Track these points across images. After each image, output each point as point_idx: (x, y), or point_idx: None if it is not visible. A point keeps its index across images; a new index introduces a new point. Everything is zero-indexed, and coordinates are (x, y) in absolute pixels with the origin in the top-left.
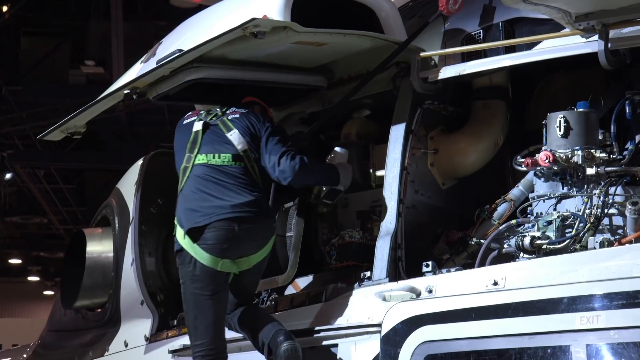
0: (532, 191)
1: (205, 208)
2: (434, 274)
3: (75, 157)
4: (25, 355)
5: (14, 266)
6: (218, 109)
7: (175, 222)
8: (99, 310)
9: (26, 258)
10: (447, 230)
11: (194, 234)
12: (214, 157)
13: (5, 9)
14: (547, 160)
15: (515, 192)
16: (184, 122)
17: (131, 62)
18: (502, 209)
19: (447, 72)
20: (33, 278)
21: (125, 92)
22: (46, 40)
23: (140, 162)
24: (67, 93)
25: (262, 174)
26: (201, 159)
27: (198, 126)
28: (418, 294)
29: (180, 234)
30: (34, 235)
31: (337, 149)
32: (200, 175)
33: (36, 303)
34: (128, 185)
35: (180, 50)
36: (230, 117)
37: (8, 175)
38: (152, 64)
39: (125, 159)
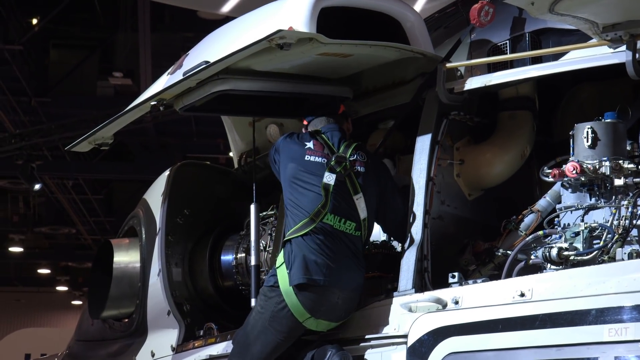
0: (559, 202)
1: (322, 267)
2: (460, 284)
3: (103, 168)
4: None
5: (43, 276)
6: (342, 149)
7: (282, 257)
8: (126, 320)
9: (54, 268)
10: (473, 241)
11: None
12: (339, 222)
13: (34, 21)
14: (574, 171)
15: (542, 203)
16: (310, 159)
17: (158, 74)
18: (529, 219)
19: (474, 82)
20: (61, 288)
21: (152, 103)
22: (75, 53)
23: (167, 172)
24: (95, 104)
25: (367, 240)
26: (329, 219)
27: (330, 179)
28: (444, 305)
29: (283, 273)
30: (63, 246)
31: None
32: (326, 234)
33: (64, 313)
34: (155, 195)
35: (206, 62)
36: (357, 169)
37: (37, 186)
38: (178, 75)
39: (153, 170)
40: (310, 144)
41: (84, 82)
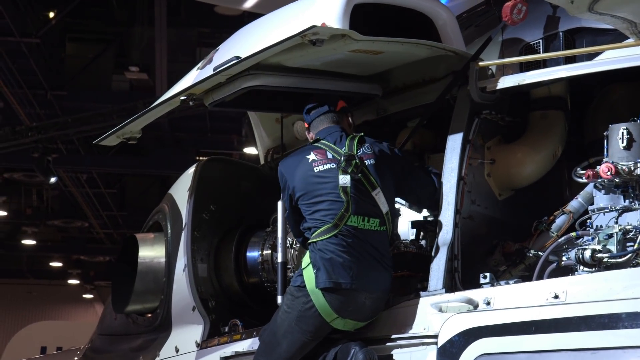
0: (592, 203)
1: (348, 269)
2: (492, 285)
3: (116, 162)
4: (75, 359)
5: (55, 269)
6: (346, 145)
7: (309, 259)
8: (149, 315)
9: (67, 261)
10: (502, 242)
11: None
12: (363, 221)
13: (51, 15)
14: (609, 173)
15: (574, 204)
16: (319, 169)
17: (174, 68)
18: (560, 221)
19: (506, 81)
20: (73, 281)
21: (182, 98)
22: (91, 46)
23: (193, 168)
24: (110, 98)
25: (392, 233)
26: (353, 220)
27: (345, 180)
28: (476, 306)
29: (309, 274)
30: (75, 239)
31: None
32: (351, 236)
33: (75, 306)
34: (181, 191)
35: (237, 57)
36: (367, 163)
37: (53, 179)
38: (208, 70)
39: (166, 165)
40: (312, 156)
41: (99, 76)
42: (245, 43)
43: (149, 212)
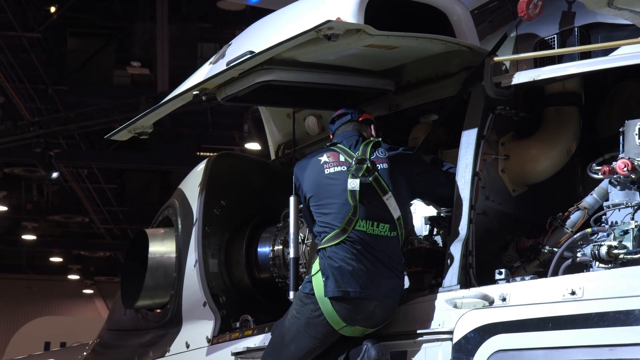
0: (607, 200)
1: (357, 278)
2: (508, 281)
3: (117, 158)
4: (84, 354)
5: (55, 264)
6: (360, 150)
7: (318, 266)
8: (159, 310)
9: (67, 256)
10: (516, 238)
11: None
12: (372, 226)
13: (53, 9)
14: (625, 169)
15: (588, 200)
16: (330, 171)
17: (175, 64)
18: (575, 217)
19: (522, 77)
20: (73, 276)
21: (195, 93)
22: (92, 41)
23: (204, 163)
24: (112, 94)
25: (405, 238)
26: (361, 225)
27: (354, 185)
28: (491, 302)
29: (318, 282)
30: (75, 234)
31: None
32: (360, 242)
33: (75, 301)
34: (191, 186)
35: (251, 52)
36: (380, 167)
37: (55, 174)
38: (221, 65)
39: (167, 160)
40: (324, 158)
41: (100, 71)
42: (258, 38)
43: (150, 207)
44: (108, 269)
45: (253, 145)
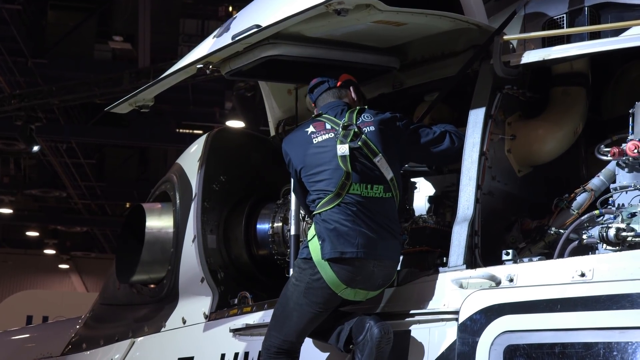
0: (614, 181)
1: (352, 238)
2: (515, 262)
3: (96, 133)
4: (77, 327)
5: (31, 238)
6: (346, 117)
7: (314, 230)
8: (154, 285)
9: (43, 231)
10: (521, 219)
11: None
12: (366, 188)
13: None
14: (636, 150)
15: (595, 181)
16: (318, 139)
17: (157, 39)
18: (581, 198)
19: (531, 56)
20: (49, 251)
21: (199, 66)
22: (72, 15)
23: (203, 138)
24: (92, 68)
25: (401, 199)
26: (355, 189)
27: (343, 150)
28: (498, 283)
29: (315, 246)
30: (52, 209)
31: None
32: (356, 204)
33: (51, 276)
34: (190, 161)
35: (258, 26)
36: (366, 131)
37: (36, 148)
38: (226, 39)
39: (147, 136)
40: (311, 128)
41: (81, 44)
42: (265, 11)
43: (128, 183)
44: (84, 244)
45: (234, 123)
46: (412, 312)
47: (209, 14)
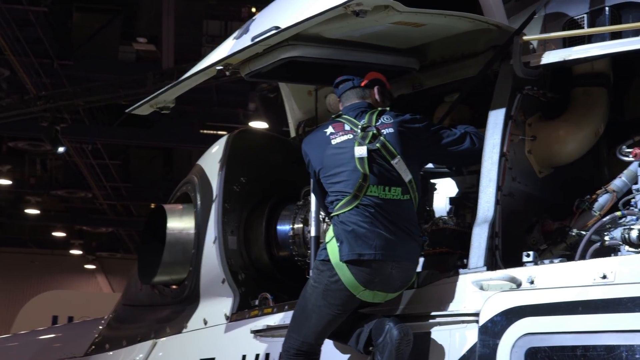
0: (636, 183)
1: (370, 240)
2: (536, 264)
3: (121, 134)
4: (100, 327)
5: (57, 239)
6: (366, 118)
7: (332, 233)
8: (176, 287)
9: (69, 231)
10: (542, 220)
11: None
12: (384, 190)
13: None
14: None
15: (617, 183)
16: (337, 141)
17: (181, 41)
18: (603, 200)
19: (551, 56)
20: (75, 251)
21: (218, 68)
22: (97, 16)
23: (224, 139)
24: (117, 69)
25: (420, 200)
26: (373, 191)
27: (361, 152)
28: (519, 284)
29: (333, 247)
30: (78, 209)
31: None
32: (374, 206)
33: (77, 276)
34: (211, 162)
35: (277, 28)
36: (385, 132)
37: (61, 149)
38: (246, 40)
39: (171, 137)
40: (330, 129)
41: (106, 46)
42: (284, 13)
43: (153, 184)
44: (110, 245)
45: (258, 124)
46: (432, 313)
47: (232, 16)
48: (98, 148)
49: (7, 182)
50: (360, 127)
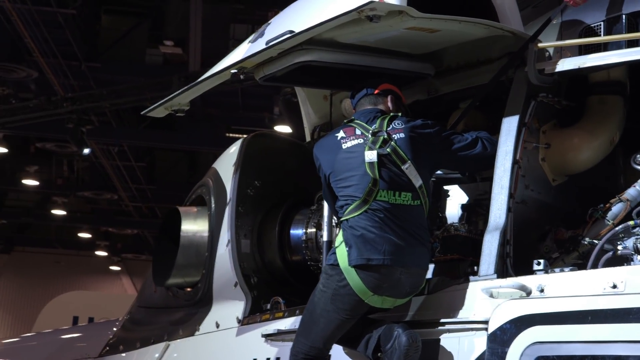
0: None
1: (379, 245)
2: (546, 272)
3: (147, 136)
4: (114, 329)
5: (83, 240)
6: (377, 123)
7: (341, 236)
8: (190, 289)
9: (95, 233)
10: (555, 228)
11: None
12: (394, 195)
13: None
14: None
15: (631, 192)
16: (348, 145)
17: (208, 44)
18: (616, 209)
19: (567, 64)
20: (100, 253)
21: (233, 71)
22: (125, 19)
23: (239, 143)
24: (144, 72)
25: (431, 206)
26: (383, 195)
27: (371, 156)
28: (529, 293)
29: (342, 252)
30: (104, 211)
31: None
32: (383, 210)
33: (102, 277)
34: (226, 165)
35: (291, 32)
36: (396, 137)
37: (87, 151)
38: (260, 44)
39: (196, 140)
40: (341, 134)
41: (133, 49)
42: (298, 17)
43: (178, 186)
44: (135, 247)
45: (283, 128)
46: (441, 320)
47: (259, 20)
48: (124, 150)
49: (34, 182)
50: (371, 131)
